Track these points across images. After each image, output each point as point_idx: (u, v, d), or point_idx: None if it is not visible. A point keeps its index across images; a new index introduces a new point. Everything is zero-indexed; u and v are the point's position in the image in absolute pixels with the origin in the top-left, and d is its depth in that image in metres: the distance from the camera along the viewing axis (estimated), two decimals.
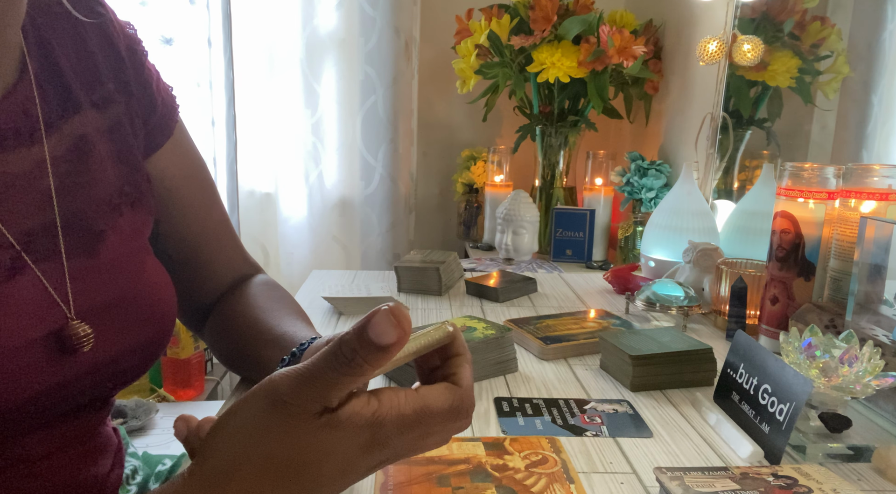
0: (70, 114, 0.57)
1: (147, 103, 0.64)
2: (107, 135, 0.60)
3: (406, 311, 0.35)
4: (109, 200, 0.58)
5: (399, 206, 1.93)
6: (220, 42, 1.73)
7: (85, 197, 0.56)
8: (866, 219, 0.74)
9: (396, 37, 1.81)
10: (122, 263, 0.58)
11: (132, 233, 0.60)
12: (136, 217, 0.61)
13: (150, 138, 0.65)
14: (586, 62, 1.63)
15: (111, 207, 0.58)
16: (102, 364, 0.55)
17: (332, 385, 0.35)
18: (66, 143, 0.56)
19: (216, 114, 1.77)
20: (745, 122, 1.41)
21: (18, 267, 0.51)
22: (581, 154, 1.90)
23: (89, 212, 0.56)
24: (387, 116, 1.85)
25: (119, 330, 0.57)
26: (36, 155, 0.54)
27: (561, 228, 1.70)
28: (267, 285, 0.75)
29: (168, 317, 0.62)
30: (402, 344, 0.35)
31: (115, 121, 0.61)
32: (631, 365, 0.75)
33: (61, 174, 0.55)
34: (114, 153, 0.60)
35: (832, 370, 0.61)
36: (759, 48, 1.29)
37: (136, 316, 0.58)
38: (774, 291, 0.87)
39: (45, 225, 0.53)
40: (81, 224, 0.56)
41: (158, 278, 0.62)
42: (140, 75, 0.64)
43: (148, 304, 0.59)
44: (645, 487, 0.55)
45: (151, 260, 0.63)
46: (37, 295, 0.51)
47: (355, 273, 1.27)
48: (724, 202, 1.43)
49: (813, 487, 0.51)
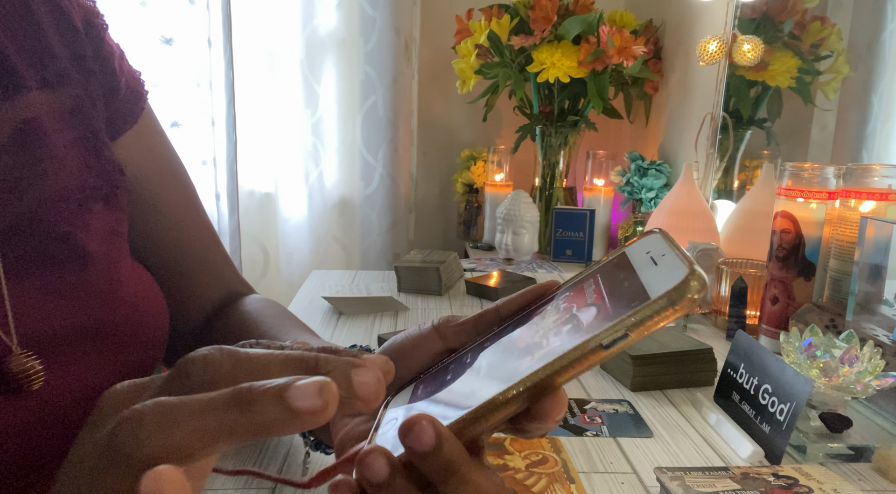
0: (9, 94, 0.47)
1: (107, 83, 0.55)
2: (65, 118, 0.50)
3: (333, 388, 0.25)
4: (71, 196, 0.48)
5: (399, 206, 1.93)
6: (220, 42, 1.73)
7: (35, 194, 0.46)
8: (866, 219, 0.74)
9: (396, 37, 1.81)
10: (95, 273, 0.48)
11: (107, 234, 0.51)
12: (111, 215, 0.51)
13: (109, 123, 0.55)
14: (586, 62, 1.63)
15: (76, 204, 0.48)
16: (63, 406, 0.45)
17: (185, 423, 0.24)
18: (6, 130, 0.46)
19: (216, 114, 1.77)
20: (745, 122, 1.41)
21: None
22: (581, 154, 1.90)
23: (44, 214, 0.46)
24: (387, 116, 1.85)
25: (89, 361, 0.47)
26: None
27: (561, 228, 1.70)
28: (266, 301, 0.65)
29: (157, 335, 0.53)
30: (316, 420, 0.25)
31: (75, 102, 0.51)
32: (631, 364, 0.75)
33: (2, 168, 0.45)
34: (75, 140, 0.50)
35: (832, 370, 0.61)
36: (759, 48, 1.29)
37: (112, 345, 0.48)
38: (774, 291, 0.87)
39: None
40: (35, 229, 0.46)
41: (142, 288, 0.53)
42: (99, 50, 0.55)
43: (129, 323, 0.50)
44: (645, 487, 0.55)
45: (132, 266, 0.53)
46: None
47: (355, 273, 1.27)
48: (724, 202, 1.43)
49: (813, 487, 0.51)
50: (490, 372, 0.34)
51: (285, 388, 0.24)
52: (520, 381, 0.30)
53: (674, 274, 0.29)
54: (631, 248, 0.36)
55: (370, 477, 0.29)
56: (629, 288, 0.31)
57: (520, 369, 0.31)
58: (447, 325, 0.40)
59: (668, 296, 0.28)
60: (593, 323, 0.31)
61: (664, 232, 0.35)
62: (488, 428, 0.31)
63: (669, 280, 0.29)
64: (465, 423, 0.30)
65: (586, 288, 0.35)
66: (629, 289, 0.31)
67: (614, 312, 0.30)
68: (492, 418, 0.30)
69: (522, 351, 0.33)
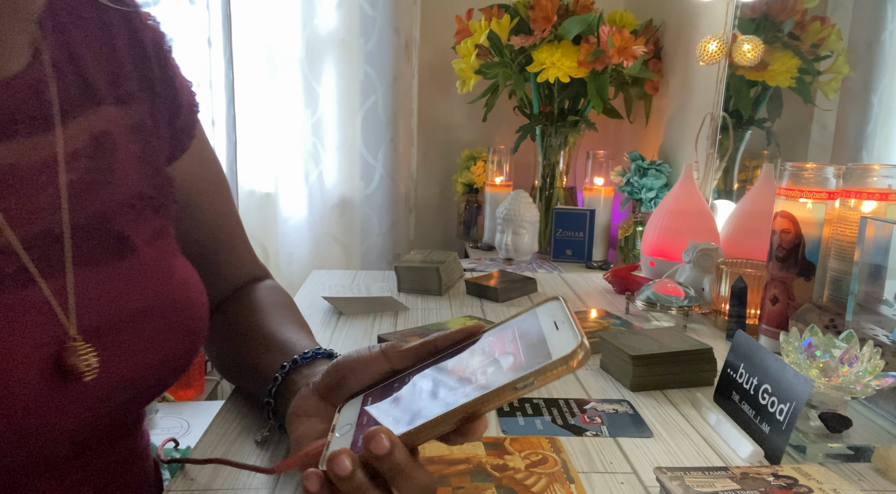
0: (89, 105, 0.52)
1: (171, 104, 0.60)
2: (131, 134, 0.55)
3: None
4: (131, 203, 0.53)
5: (399, 206, 1.93)
6: (220, 42, 1.73)
7: (105, 197, 0.51)
8: (866, 219, 0.74)
9: (396, 37, 1.81)
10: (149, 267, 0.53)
11: (156, 235, 0.55)
12: (160, 223, 0.56)
13: (174, 141, 0.61)
14: (586, 62, 1.63)
15: (134, 211, 0.53)
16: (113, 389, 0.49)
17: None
18: (84, 137, 0.51)
19: (216, 114, 1.77)
20: (745, 122, 1.41)
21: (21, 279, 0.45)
22: (581, 154, 1.90)
23: (109, 214, 0.51)
24: (387, 116, 1.85)
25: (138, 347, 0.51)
26: (50, 146, 0.48)
27: (561, 228, 1.70)
28: (273, 290, 0.72)
29: (201, 324, 0.57)
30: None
31: (139, 120, 0.56)
32: (631, 364, 0.75)
33: (79, 170, 0.50)
34: (137, 153, 0.55)
35: (832, 370, 0.61)
36: (759, 48, 1.29)
37: (162, 326, 0.53)
38: (774, 291, 0.87)
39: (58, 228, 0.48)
40: (100, 227, 0.50)
41: (189, 279, 0.57)
42: (165, 73, 0.59)
43: (178, 311, 0.54)
44: (645, 487, 0.55)
45: (180, 260, 0.58)
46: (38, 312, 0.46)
47: (355, 273, 1.27)
48: (724, 202, 1.43)
49: (813, 487, 0.50)
50: (430, 396, 0.44)
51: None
52: (456, 408, 0.41)
53: (568, 342, 0.40)
54: (541, 310, 0.47)
55: (338, 472, 0.39)
56: (537, 345, 0.42)
57: (455, 397, 0.42)
58: (393, 350, 0.49)
59: (562, 360, 0.40)
60: (509, 370, 0.42)
61: (563, 300, 0.46)
62: (426, 439, 0.42)
63: (565, 345, 0.40)
64: (412, 435, 0.41)
65: (505, 339, 0.46)
66: (537, 346, 0.42)
67: (526, 363, 0.41)
68: (432, 432, 0.41)
69: (456, 381, 0.44)
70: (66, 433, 0.47)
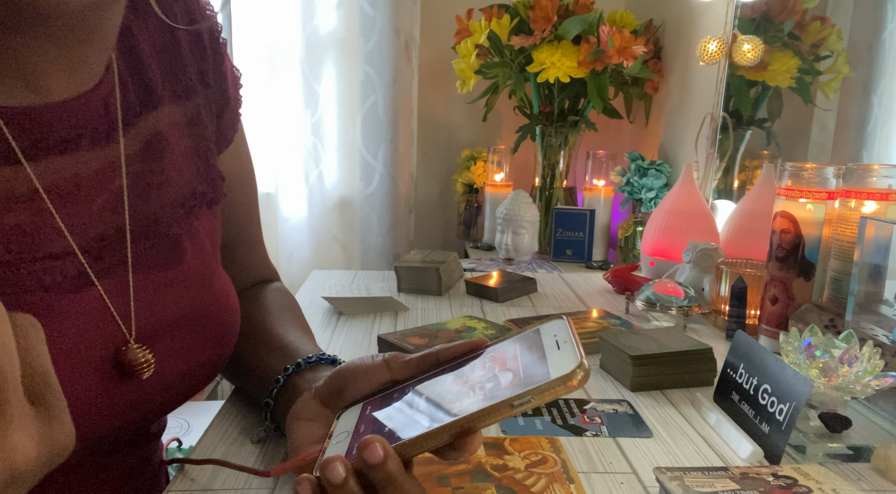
0: (149, 109, 0.52)
1: (221, 96, 0.59)
2: (185, 129, 0.54)
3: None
4: (184, 202, 0.53)
5: (399, 206, 1.93)
6: None
7: (158, 199, 0.51)
8: (866, 219, 0.74)
9: (396, 37, 1.81)
10: (195, 274, 0.54)
11: (207, 237, 0.56)
12: (211, 219, 0.56)
13: (220, 134, 0.60)
14: (586, 62, 1.63)
15: (186, 210, 0.53)
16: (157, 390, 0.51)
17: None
18: (140, 140, 0.51)
19: None
20: (745, 122, 1.41)
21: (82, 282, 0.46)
22: (581, 154, 1.90)
23: (163, 216, 0.52)
24: (387, 116, 1.85)
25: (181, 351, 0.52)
26: (110, 153, 0.49)
27: (561, 228, 1.70)
28: (281, 294, 0.72)
29: (233, 332, 0.58)
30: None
31: (195, 113, 0.55)
32: (631, 364, 0.75)
33: (135, 175, 0.50)
34: (191, 148, 0.55)
35: (832, 370, 0.61)
36: (759, 48, 1.29)
37: (201, 333, 0.54)
38: (774, 291, 0.87)
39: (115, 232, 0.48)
40: (155, 229, 0.51)
41: (226, 289, 0.58)
42: (219, 65, 0.58)
43: (216, 320, 0.55)
44: (645, 487, 0.55)
45: (220, 270, 0.58)
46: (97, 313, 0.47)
47: (355, 273, 1.27)
48: (724, 202, 1.43)
49: (813, 487, 0.50)
50: (428, 408, 0.44)
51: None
52: (451, 422, 0.40)
53: (568, 362, 0.40)
54: (545, 328, 0.46)
55: (331, 479, 0.39)
56: (537, 363, 0.42)
57: (452, 411, 0.42)
58: (395, 361, 0.49)
59: (561, 380, 0.39)
60: (508, 387, 0.41)
61: (567, 319, 0.45)
62: (420, 451, 0.41)
63: (565, 365, 0.40)
64: (406, 446, 0.41)
65: (507, 355, 0.45)
66: (537, 364, 0.42)
67: (524, 380, 0.41)
68: (426, 445, 0.41)
69: (454, 395, 0.44)
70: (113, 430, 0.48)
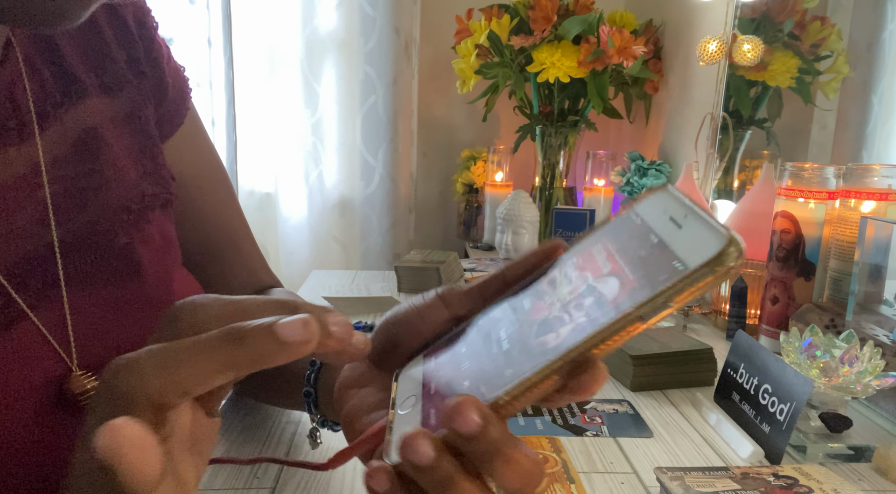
0: (71, 101, 0.46)
1: (157, 85, 0.54)
2: (122, 124, 0.49)
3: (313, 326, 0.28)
4: (131, 206, 0.48)
5: (399, 206, 1.93)
6: (220, 42, 1.72)
7: (97, 205, 0.46)
8: (866, 219, 0.74)
9: (396, 37, 1.81)
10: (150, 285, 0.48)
11: (164, 243, 0.50)
12: (166, 222, 0.51)
13: (159, 125, 0.55)
14: (586, 62, 1.63)
15: (135, 213, 0.48)
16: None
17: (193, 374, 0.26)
18: (67, 140, 0.45)
19: (216, 114, 1.77)
20: (745, 122, 1.41)
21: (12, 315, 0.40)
22: (581, 154, 1.90)
23: (104, 224, 0.46)
24: (387, 116, 1.85)
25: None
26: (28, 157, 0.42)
27: (561, 228, 1.70)
28: (286, 292, 0.68)
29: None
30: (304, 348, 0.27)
31: (131, 107, 0.50)
32: (631, 364, 0.75)
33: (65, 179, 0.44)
34: (132, 146, 0.50)
35: (832, 370, 0.61)
36: (759, 48, 1.29)
37: None
38: (774, 291, 0.87)
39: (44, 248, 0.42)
40: (94, 241, 0.45)
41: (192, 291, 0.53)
42: (150, 51, 0.53)
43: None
44: (645, 487, 0.55)
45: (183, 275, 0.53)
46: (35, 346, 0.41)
47: (355, 273, 1.27)
48: (724, 202, 1.43)
49: (813, 487, 0.50)
50: (513, 347, 0.32)
51: (274, 324, 0.27)
52: (563, 354, 0.28)
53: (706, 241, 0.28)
54: (642, 207, 0.32)
55: (418, 461, 0.28)
56: (653, 255, 0.29)
57: (547, 344, 0.30)
58: (452, 293, 0.39)
59: (708, 265, 0.27)
60: (621, 296, 0.29)
61: (674, 188, 0.32)
62: (526, 404, 0.29)
63: (704, 246, 0.27)
64: (507, 402, 0.29)
65: (596, 257, 0.33)
66: (654, 256, 0.29)
67: (642, 284, 0.28)
68: (533, 394, 0.29)
69: (543, 324, 0.31)
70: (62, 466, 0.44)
